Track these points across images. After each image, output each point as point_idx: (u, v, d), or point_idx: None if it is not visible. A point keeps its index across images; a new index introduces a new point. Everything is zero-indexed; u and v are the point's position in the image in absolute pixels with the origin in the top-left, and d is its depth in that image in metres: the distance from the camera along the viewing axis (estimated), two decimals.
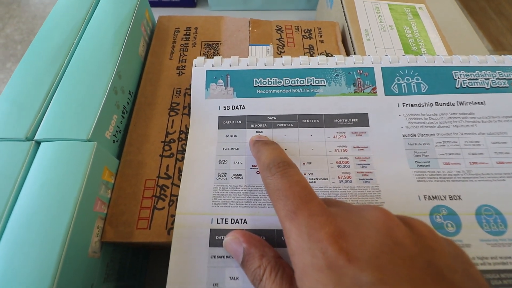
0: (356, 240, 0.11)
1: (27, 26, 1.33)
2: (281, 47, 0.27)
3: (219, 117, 0.21)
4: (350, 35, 0.27)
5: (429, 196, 0.18)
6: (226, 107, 0.21)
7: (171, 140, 0.21)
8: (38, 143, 0.17)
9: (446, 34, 0.41)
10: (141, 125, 0.22)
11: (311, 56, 0.26)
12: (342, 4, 0.30)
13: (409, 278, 0.10)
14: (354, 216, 0.13)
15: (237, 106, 0.21)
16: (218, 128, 0.21)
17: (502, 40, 1.45)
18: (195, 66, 0.22)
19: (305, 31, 0.28)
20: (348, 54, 0.28)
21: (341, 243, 0.11)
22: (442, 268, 0.11)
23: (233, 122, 0.21)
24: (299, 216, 0.13)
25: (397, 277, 0.10)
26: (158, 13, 0.35)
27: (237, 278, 0.16)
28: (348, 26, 0.28)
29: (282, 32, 0.28)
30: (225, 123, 0.21)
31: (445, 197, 0.18)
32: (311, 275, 0.11)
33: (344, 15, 0.29)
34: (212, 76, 0.22)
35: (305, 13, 0.43)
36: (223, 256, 0.17)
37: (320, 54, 0.26)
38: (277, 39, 0.27)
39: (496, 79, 0.22)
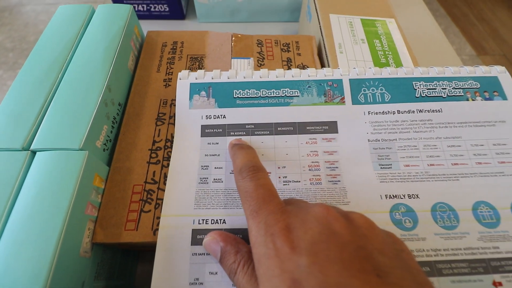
0: (300, 232, 0.14)
1: (18, 34, 1.34)
2: (261, 60, 0.29)
3: (201, 125, 0.23)
4: (325, 48, 0.30)
5: (390, 195, 0.20)
6: (208, 117, 0.23)
7: (158, 148, 0.23)
8: (33, 153, 0.19)
9: (421, 44, 0.44)
10: (130, 134, 0.23)
11: (289, 68, 0.28)
12: (318, 19, 0.32)
13: (339, 259, 0.12)
14: (303, 212, 0.15)
15: (218, 115, 0.23)
16: (201, 136, 0.23)
17: (484, 45, 1.51)
18: (180, 79, 0.24)
19: (284, 44, 0.30)
20: (323, 66, 0.30)
21: (288, 235, 0.14)
22: (371, 251, 0.13)
23: (214, 130, 0.23)
24: (260, 215, 0.15)
25: (328, 259, 0.12)
26: (148, 25, 0.37)
27: (216, 273, 0.18)
28: (323, 40, 0.30)
29: (262, 46, 0.30)
30: (207, 131, 0.23)
31: (404, 196, 0.21)
32: (263, 263, 0.13)
33: (320, 29, 0.31)
34: (195, 88, 0.24)
35: (288, 25, 0.46)
36: (204, 254, 0.18)
37: (297, 66, 0.29)
38: (257, 52, 0.29)
39: (452, 88, 0.24)
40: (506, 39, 1.51)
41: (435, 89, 0.24)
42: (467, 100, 0.24)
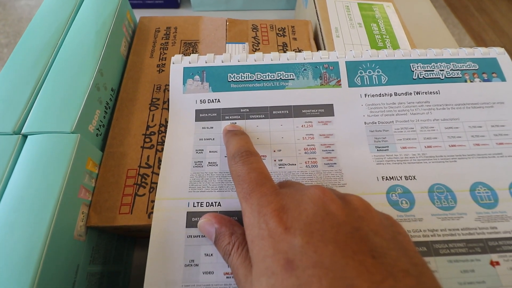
0: (295, 213, 0.13)
1: (13, 29, 1.32)
2: (256, 44, 0.28)
3: (196, 110, 0.22)
4: (321, 32, 0.29)
5: (386, 177, 0.20)
6: (202, 101, 0.23)
7: (152, 133, 0.22)
8: (25, 136, 0.18)
9: (419, 29, 0.43)
10: (123, 119, 0.23)
11: (284, 52, 0.28)
12: (314, 4, 0.32)
13: (334, 240, 0.12)
14: (298, 194, 0.14)
15: (212, 99, 0.23)
16: (195, 121, 0.22)
17: (484, 36, 1.50)
18: (173, 63, 0.24)
19: (279, 29, 0.30)
20: (319, 50, 0.30)
21: (282, 216, 0.13)
22: (366, 233, 0.13)
23: (209, 114, 0.22)
24: (252, 197, 0.15)
25: (323, 240, 0.12)
26: (142, 14, 0.36)
27: (211, 254, 0.18)
28: (319, 24, 0.30)
29: (258, 31, 0.29)
30: (201, 115, 0.22)
31: (401, 177, 0.20)
32: (257, 244, 0.13)
33: (316, 14, 0.31)
34: (189, 73, 0.23)
35: (284, 12, 0.45)
36: (199, 236, 0.18)
37: (293, 51, 0.28)
38: (252, 37, 0.29)
39: (450, 70, 0.24)
40: (506, 30, 1.50)
41: (433, 70, 0.24)
42: (465, 81, 0.23)
